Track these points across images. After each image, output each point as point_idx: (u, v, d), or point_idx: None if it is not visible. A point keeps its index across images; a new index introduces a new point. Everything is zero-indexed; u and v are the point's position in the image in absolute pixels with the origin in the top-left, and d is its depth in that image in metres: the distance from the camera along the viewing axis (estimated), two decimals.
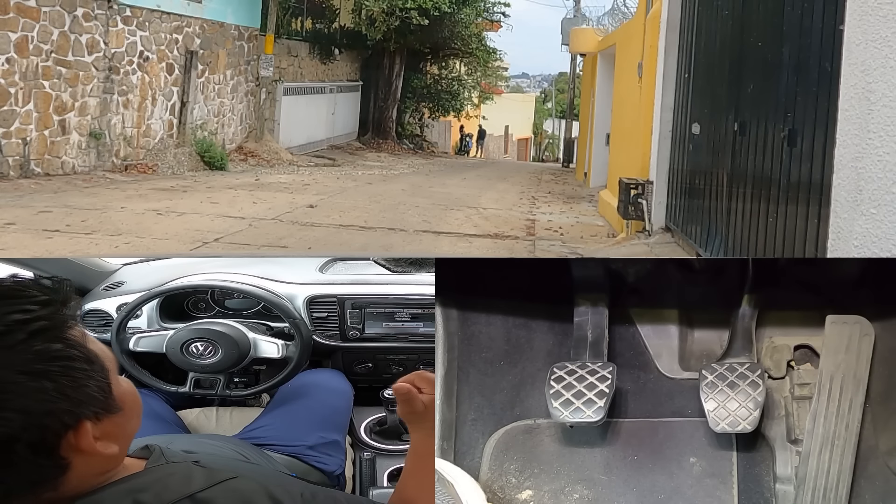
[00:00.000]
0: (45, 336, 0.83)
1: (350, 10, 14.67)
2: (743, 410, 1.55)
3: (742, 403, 1.55)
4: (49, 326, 0.84)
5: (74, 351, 0.85)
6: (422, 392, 1.20)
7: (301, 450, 1.89)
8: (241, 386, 2.23)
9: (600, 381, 1.59)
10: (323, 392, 2.18)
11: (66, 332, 0.86)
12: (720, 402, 1.56)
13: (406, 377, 1.21)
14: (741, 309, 1.71)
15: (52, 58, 7.74)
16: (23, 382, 0.79)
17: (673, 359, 1.76)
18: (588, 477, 1.59)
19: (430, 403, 1.20)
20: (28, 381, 0.79)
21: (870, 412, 1.55)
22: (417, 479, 1.22)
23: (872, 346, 1.53)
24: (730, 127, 3.70)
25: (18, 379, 0.79)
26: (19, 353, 0.80)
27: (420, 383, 1.20)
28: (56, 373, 0.82)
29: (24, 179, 7.39)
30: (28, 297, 0.85)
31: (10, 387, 0.78)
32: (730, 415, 1.55)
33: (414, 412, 1.19)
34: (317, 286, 2.32)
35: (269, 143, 11.99)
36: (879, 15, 1.75)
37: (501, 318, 1.74)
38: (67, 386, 0.82)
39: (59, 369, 0.82)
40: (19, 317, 0.82)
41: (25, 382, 0.79)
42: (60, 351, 0.83)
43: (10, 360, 0.79)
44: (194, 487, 0.91)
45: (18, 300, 0.84)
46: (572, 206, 8.63)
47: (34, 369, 0.80)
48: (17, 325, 0.81)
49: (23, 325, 0.82)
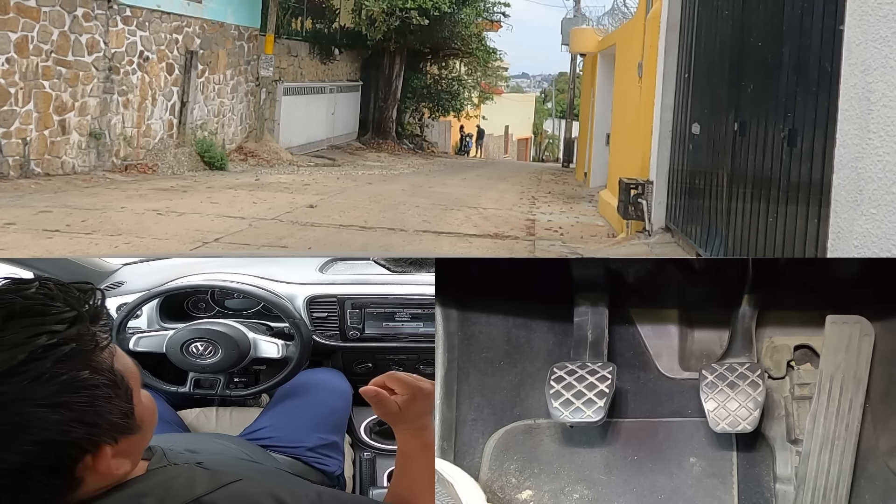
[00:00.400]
0: (72, 363, 0.79)
1: (350, 10, 14.67)
2: (743, 410, 1.55)
3: (742, 403, 1.55)
4: (77, 351, 0.79)
5: (101, 377, 0.81)
6: (394, 393, 1.18)
7: (301, 451, 1.89)
8: (241, 386, 2.23)
9: (600, 381, 1.59)
10: (322, 392, 2.17)
11: (93, 356, 0.82)
12: (720, 402, 1.56)
13: (375, 379, 1.20)
14: (741, 309, 1.71)
15: (52, 58, 7.74)
16: (45, 415, 0.76)
17: (673, 359, 1.76)
18: (588, 477, 1.59)
19: (405, 403, 1.17)
20: (51, 414, 0.76)
21: (870, 412, 1.55)
22: (407, 478, 1.21)
23: (872, 346, 1.53)
24: (730, 127, 3.70)
25: (41, 413, 0.76)
26: (44, 384, 0.76)
27: (391, 384, 1.18)
28: (80, 403, 0.78)
29: (24, 179, 7.39)
30: (55, 312, 0.81)
31: (33, 420, 0.76)
32: (730, 415, 1.55)
33: (389, 413, 1.18)
34: (317, 286, 2.32)
35: (269, 143, 11.99)
36: (879, 15, 1.75)
37: (501, 318, 1.74)
38: (89, 414, 0.79)
39: (83, 400, 0.79)
40: (45, 340, 0.77)
41: (48, 416, 0.76)
42: (87, 380, 0.79)
43: (34, 393, 0.75)
44: (198, 491, 0.89)
45: (44, 317, 0.80)
46: (572, 206, 8.63)
47: (58, 401, 0.77)
48: (43, 351, 0.77)
49: (49, 350, 0.77)
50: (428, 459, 1.21)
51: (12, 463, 0.76)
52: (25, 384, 0.75)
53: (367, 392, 1.18)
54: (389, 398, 1.17)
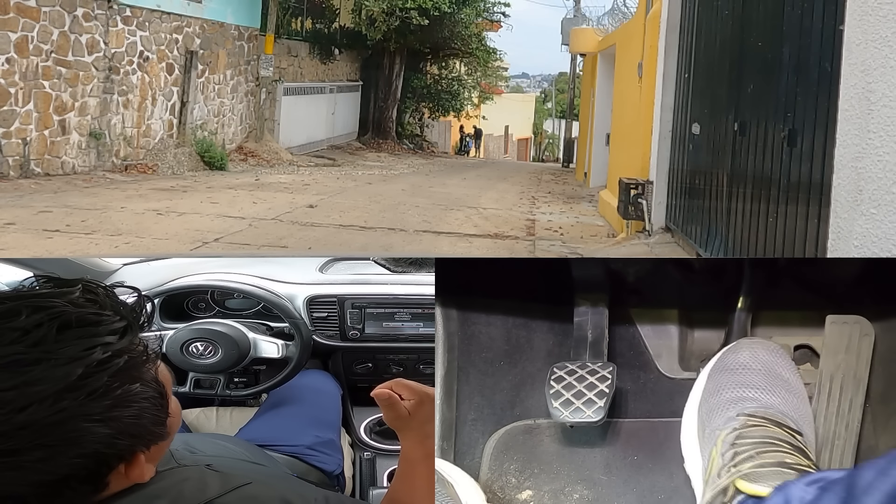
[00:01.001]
0: (123, 377, 0.79)
1: (350, 10, 14.67)
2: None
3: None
4: (129, 365, 0.80)
5: (149, 390, 0.82)
6: (402, 399, 1.19)
7: (300, 450, 1.89)
8: (241, 386, 2.23)
9: (600, 381, 1.58)
10: (311, 393, 2.18)
11: (143, 369, 0.83)
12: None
13: (383, 384, 1.20)
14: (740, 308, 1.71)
15: (52, 58, 7.74)
16: (98, 431, 0.76)
17: (673, 359, 1.76)
18: (588, 477, 1.59)
19: (414, 409, 1.19)
20: (102, 429, 0.77)
21: (870, 412, 1.55)
22: (408, 483, 1.22)
23: (872, 346, 1.53)
24: (730, 127, 3.70)
25: (95, 428, 0.76)
26: (99, 399, 0.76)
27: (399, 389, 1.19)
28: (129, 416, 0.79)
29: (24, 179, 7.39)
30: (107, 323, 0.81)
31: (86, 435, 0.76)
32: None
33: (399, 417, 1.19)
34: (317, 286, 2.32)
35: (269, 143, 11.99)
36: (879, 15, 1.75)
37: (501, 318, 1.74)
38: (133, 425, 0.80)
39: (133, 413, 0.80)
40: (100, 354, 0.77)
41: (100, 430, 0.76)
42: (138, 393, 0.81)
43: (90, 409, 0.76)
44: (210, 494, 0.89)
45: (97, 328, 0.80)
46: (572, 206, 8.63)
47: (111, 416, 0.77)
48: (98, 365, 0.77)
49: (103, 364, 0.77)
50: (429, 468, 1.22)
51: (59, 475, 0.76)
52: (82, 399, 0.75)
53: (379, 395, 1.18)
54: (401, 402, 1.18)
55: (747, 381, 1.32)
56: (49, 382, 0.74)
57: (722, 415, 1.27)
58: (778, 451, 1.13)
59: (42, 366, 0.74)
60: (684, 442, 1.37)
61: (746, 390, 1.30)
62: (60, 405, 0.74)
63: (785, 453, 1.12)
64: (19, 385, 0.73)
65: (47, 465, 0.75)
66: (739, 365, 1.36)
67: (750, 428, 1.20)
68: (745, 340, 1.46)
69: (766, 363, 1.36)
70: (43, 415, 0.73)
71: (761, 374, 1.33)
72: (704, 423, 1.30)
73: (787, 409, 1.27)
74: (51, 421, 0.74)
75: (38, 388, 0.73)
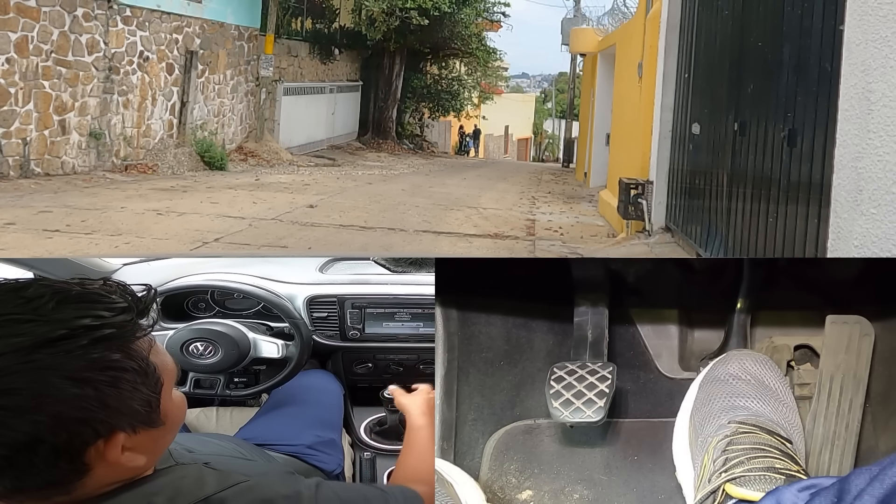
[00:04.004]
0: (106, 344, 0.81)
1: (350, 10, 14.68)
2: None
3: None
4: (115, 335, 0.82)
5: (131, 362, 0.83)
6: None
7: (300, 449, 1.89)
8: (241, 386, 2.23)
9: (600, 381, 1.58)
10: (314, 393, 2.18)
11: (130, 343, 0.84)
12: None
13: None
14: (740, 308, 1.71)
15: (52, 58, 7.74)
16: (66, 388, 0.77)
17: (673, 359, 1.76)
18: (588, 477, 1.59)
19: (416, 392, 1.57)
20: (71, 387, 0.78)
21: (870, 412, 1.55)
22: (415, 448, 1.44)
23: (872, 346, 1.53)
24: (730, 127, 3.70)
25: (63, 385, 0.77)
26: (74, 358, 0.78)
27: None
28: (103, 382, 0.80)
29: (24, 179, 7.39)
30: (107, 302, 0.84)
31: (53, 391, 0.77)
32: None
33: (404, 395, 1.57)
34: (317, 286, 2.32)
35: (269, 143, 11.99)
36: (879, 15, 1.75)
37: (501, 318, 1.74)
38: (111, 396, 0.80)
39: (107, 379, 0.80)
40: (88, 322, 0.80)
41: (69, 388, 0.77)
42: (116, 361, 0.81)
43: (62, 364, 0.78)
44: (207, 491, 0.89)
45: (96, 304, 0.83)
46: (572, 206, 8.63)
47: (82, 376, 0.78)
48: (83, 330, 0.80)
49: (89, 330, 0.80)
50: (430, 432, 1.47)
51: (22, 434, 0.76)
52: (57, 355, 0.78)
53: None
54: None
55: (738, 390, 1.34)
56: (28, 336, 0.78)
57: (713, 423, 1.28)
58: (768, 456, 1.14)
59: (29, 324, 0.78)
60: (676, 451, 1.38)
61: (737, 399, 1.32)
62: (33, 356, 0.77)
63: (775, 459, 1.13)
64: (3, 336, 0.77)
65: (13, 418, 0.76)
66: (730, 375, 1.38)
67: (741, 435, 1.21)
68: (735, 352, 1.48)
69: (755, 374, 1.38)
70: (13, 362, 0.76)
71: (751, 385, 1.35)
72: (697, 431, 1.31)
73: (777, 418, 1.28)
74: (21, 369, 0.76)
75: (17, 340, 0.77)
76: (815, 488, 0.84)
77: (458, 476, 1.36)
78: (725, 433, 1.23)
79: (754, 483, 1.07)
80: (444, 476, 1.32)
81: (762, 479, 1.08)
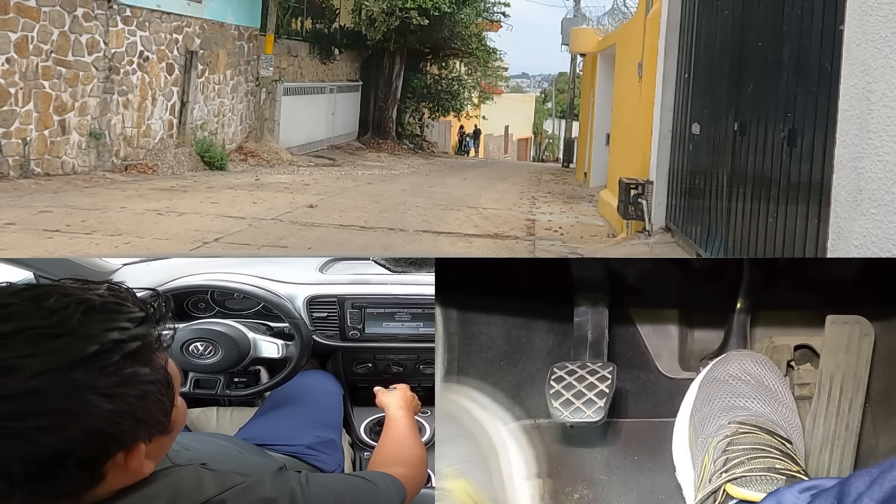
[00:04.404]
0: (136, 359, 0.81)
1: (350, 10, 14.67)
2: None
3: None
4: (142, 349, 0.83)
5: (156, 374, 0.84)
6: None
7: (300, 449, 1.89)
8: (241, 386, 2.23)
9: (600, 381, 1.58)
10: (313, 393, 2.18)
11: (154, 355, 0.85)
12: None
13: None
14: (740, 308, 1.71)
15: (52, 58, 7.74)
16: (101, 405, 0.78)
17: (673, 359, 1.76)
18: (588, 477, 1.59)
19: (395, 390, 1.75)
20: (106, 404, 0.78)
21: (870, 412, 1.55)
22: (392, 433, 1.55)
23: (872, 346, 1.53)
24: (730, 127, 3.70)
25: (98, 402, 0.77)
26: (109, 375, 0.79)
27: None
28: (134, 397, 0.81)
29: (24, 179, 7.39)
30: (127, 312, 0.84)
31: (90, 409, 0.77)
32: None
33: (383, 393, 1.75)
34: (317, 286, 2.32)
35: (269, 143, 11.99)
36: (879, 15, 1.75)
37: (501, 318, 1.74)
38: (139, 409, 0.81)
39: (138, 393, 0.81)
40: (117, 336, 0.81)
41: (103, 405, 0.78)
42: (146, 376, 0.82)
43: (99, 383, 0.78)
44: (207, 493, 0.90)
45: (118, 315, 0.83)
46: (572, 206, 8.63)
47: (116, 392, 0.79)
48: (113, 345, 0.80)
49: (118, 344, 0.80)
50: (407, 421, 1.60)
51: (52, 449, 0.76)
52: (93, 373, 0.78)
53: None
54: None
55: (737, 391, 1.34)
56: (65, 353, 0.77)
57: (713, 423, 1.28)
58: (768, 457, 1.14)
59: (62, 339, 0.78)
60: (676, 451, 1.38)
61: (737, 399, 1.32)
62: (72, 375, 0.76)
63: (775, 459, 1.13)
64: (38, 353, 0.76)
65: (47, 436, 0.75)
66: (729, 376, 1.38)
67: (741, 435, 1.21)
68: (735, 352, 1.48)
69: (755, 374, 1.38)
70: (54, 382, 0.76)
71: (751, 385, 1.35)
72: (697, 432, 1.31)
73: (777, 418, 1.28)
74: (60, 389, 0.76)
75: (54, 357, 0.76)
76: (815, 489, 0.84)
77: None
78: (726, 433, 1.23)
79: (755, 483, 1.07)
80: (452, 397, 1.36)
81: (763, 479, 1.08)
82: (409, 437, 1.53)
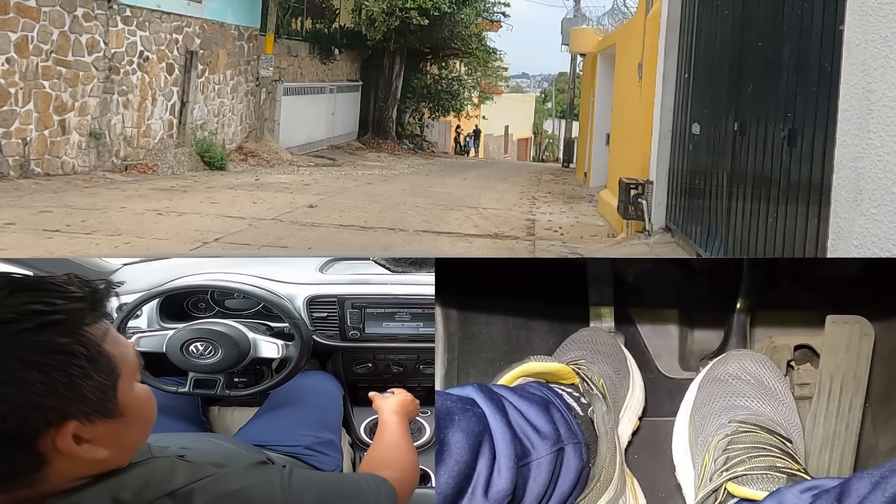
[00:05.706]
0: (54, 329, 0.80)
1: (350, 10, 14.68)
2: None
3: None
4: (63, 320, 0.82)
5: (80, 348, 0.82)
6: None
7: (299, 450, 1.89)
8: (241, 386, 2.23)
9: None
10: (313, 394, 2.18)
11: (80, 328, 0.83)
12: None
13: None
14: (740, 308, 1.71)
15: (52, 58, 7.74)
16: (12, 370, 0.77)
17: (673, 359, 1.76)
18: None
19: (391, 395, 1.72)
20: (18, 370, 0.77)
21: (870, 412, 1.55)
22: (383, 436, 1.54)
23: (872, 346, 1.53)
24: (730, 127, 3.70)
25: (9, 367, 0.77)
26: (19, 340, 0.78)
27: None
28: (51, 366, 0.79)
29: (24, 179, 7.39)
30: (62, 292, 0.84)
31: (2, 374, 0.76)
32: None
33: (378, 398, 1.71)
34: (317, 286, 2.32)
35: (269, 143, 11.99)
36: (879, 15, 1.75)
37: (501, 318, 1.74)
38: (59, 382, 0.79)
39: (55, 363, 0.79)
40: (38, 307, 0.80)
41: (15, 371, 0.77)
42: (64, 345, 0.80)
43: (8, 347, 0.77)
44: (175, 483, 0.88)
45: (49, 293, 0.83)
46: (572, 206, 8.63)
47: (29, 359, 0.78)
48: (31, 314, 0.79)
49: (37, 315, 0.80)
50: (400, 426, 1.59)
51: None
52: (2, 337, 0.77)
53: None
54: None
55: (738, 390, 1.34)
56: None
57: (714, 422, 1.28)
58: (769, 455, 1.14)
59: None
60: (676, 451, 1.38)
61: (737, 399, 1.32)
62: None
63: (776, 458, 1.13)
64: None
65: None
66: (729, 375, 1.38)
67: (742, 434, 1.21)
68: (734, 352, 1.48)
69: (754, 374, 1.38)
70: None
71: (751, 385, 1.35)
72: (697, 431, 1.31)
73: (777, 417, 1.28)
74: None
75: None
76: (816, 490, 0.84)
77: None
78: (726, 432, 1.23)
79: (756, 482, 1.07)
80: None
81: (764, 477, 1.08)
82: (400, 442, 1.52)
